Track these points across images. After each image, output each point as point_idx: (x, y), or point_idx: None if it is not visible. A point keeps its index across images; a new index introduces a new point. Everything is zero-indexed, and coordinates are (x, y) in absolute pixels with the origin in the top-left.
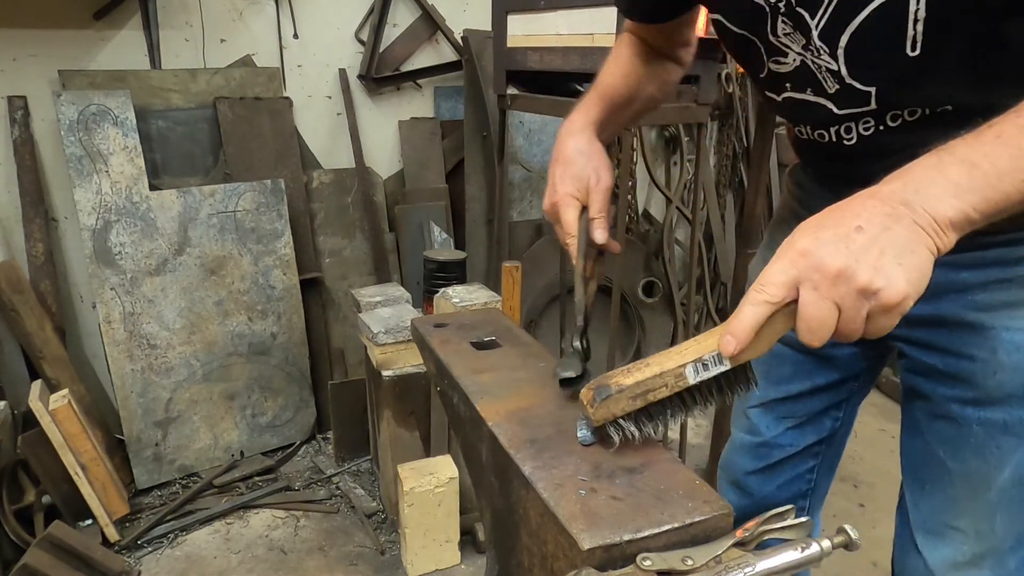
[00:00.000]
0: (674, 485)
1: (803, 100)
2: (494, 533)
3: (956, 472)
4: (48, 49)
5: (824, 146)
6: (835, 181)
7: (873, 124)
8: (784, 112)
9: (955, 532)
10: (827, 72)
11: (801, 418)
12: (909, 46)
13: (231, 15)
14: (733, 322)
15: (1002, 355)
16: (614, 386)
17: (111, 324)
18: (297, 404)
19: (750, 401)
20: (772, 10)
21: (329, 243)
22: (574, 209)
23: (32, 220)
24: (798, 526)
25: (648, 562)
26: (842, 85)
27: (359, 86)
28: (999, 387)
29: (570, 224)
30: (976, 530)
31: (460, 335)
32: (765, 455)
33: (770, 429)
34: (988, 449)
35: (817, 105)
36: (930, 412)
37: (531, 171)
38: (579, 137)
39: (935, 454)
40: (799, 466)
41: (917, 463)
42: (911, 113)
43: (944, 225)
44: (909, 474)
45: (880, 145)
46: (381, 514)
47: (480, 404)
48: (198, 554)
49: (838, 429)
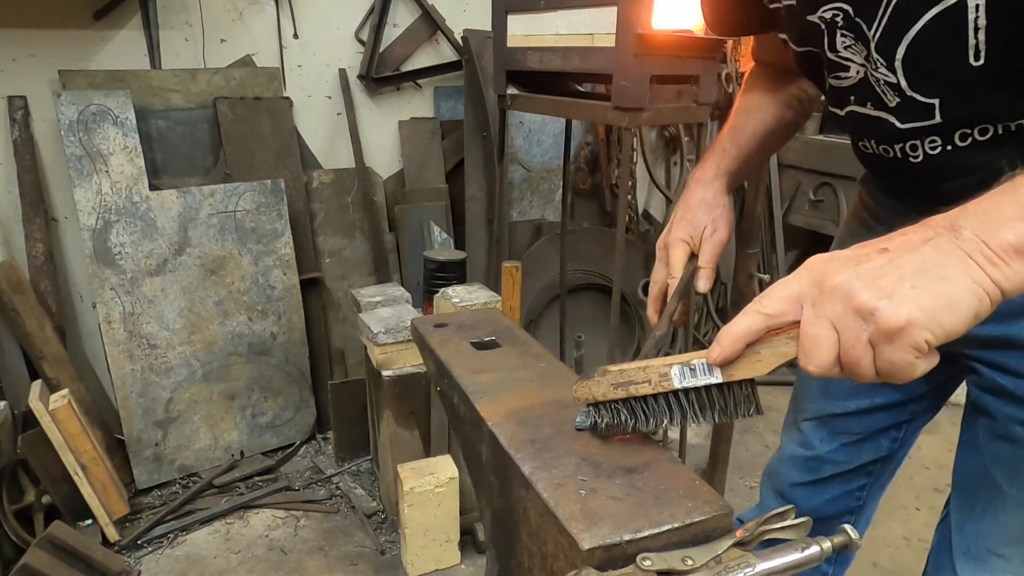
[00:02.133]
0: (674, 485)
1: (866, 115)
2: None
3: (1011, 498)
4: (48, 49)
5: (889, 161)
6: (906, 195)
7: (940, 143)
8: (848, 126)
9: (1001, 560)
10: (886, 85)
11: (857, 435)
12: (972, 55)
13: (231, 15)
14: (723, 330)
15: None
16: (600, 371)
17: (111, 324)
18: (297, 404)
19: (804, 413)
20: (829, 26)
21: (329, 243)
22: (683, 252)
23: (32, 220)
24: (798, 526)
25: (648, 562)
26: (903, 98)
27: (359, 86)
28: None
29: (676, 266)
30: (1021, 559)
31: (460, 335)
32: (815, 469)
33: (824, 444)
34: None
35: (880, 120)
36: (993, 431)
37: (531, 171)
38: (708, 188)
39: (991, 476)
40: (850, 483)
41: (971, 483)
42: (982, 132)
43: (1003, 251)
44: (960, 493)
45: (948, 164)
46: (381, 514)
47: (480, 404)
48: (198, 554)
49: (896, 450)
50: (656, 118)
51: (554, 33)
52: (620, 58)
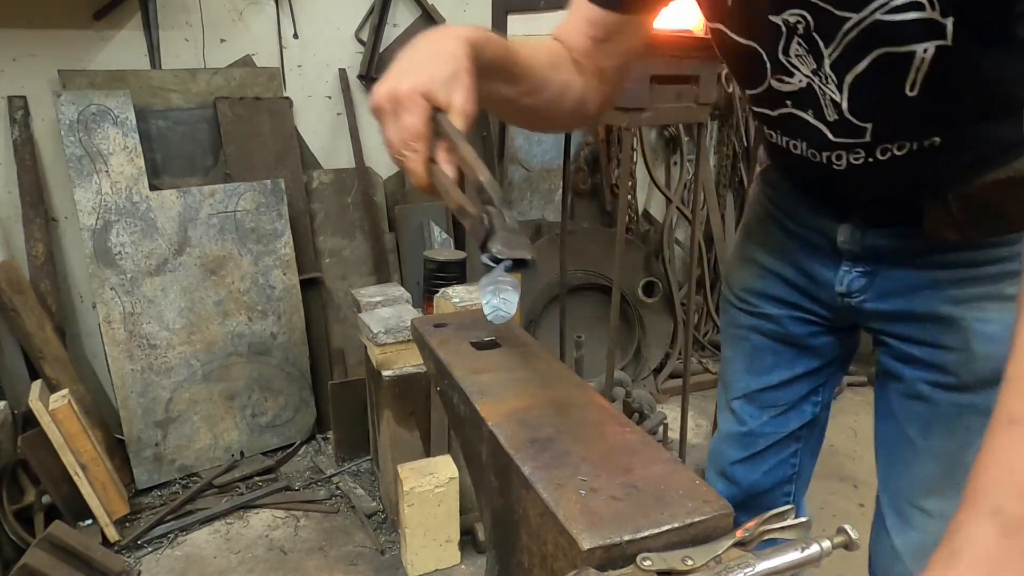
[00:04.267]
0: (674, 485)
1: (802, 119)
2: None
3: (924, 450)
4: (48, 49)
5: (813, 165)
6: (816, 191)
7: (863, 156)
8: (777, 126)
9: (923, 515)
10: (830, 100)
11: (784, 406)
12: (908, 87)
13: (231, 15)
14: None
15: (975, 346)
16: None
17: (111, 324)
18: (297, 404)
19: (733, 392)
20: (789, 30)
21: (329, 243)
22: (423, 111)
23: (32, 220)
24: (798, 526)
25: (648, 562)
26: (840, 116)
27: (359, 86)
28: (972, 375)
29: (419, 128)
30: (942, 512)
31: (460, 335)
32: (751, 444)
33: (754, 419)
34: (957, 428)
35: (815, 128)
36: (903, 392)
37: (531, 171)
38: (447, 41)
39: (906, 434)
40: (782, 451)
41: (890, 445)
42: (900, 148)
43: None
44: (882, 458)
45: (866, 174)
46: (381, 514)
47: (480, 404)
48: (198, 554)
49: (818, 413)
50: (656, 118)
51: None
52: None
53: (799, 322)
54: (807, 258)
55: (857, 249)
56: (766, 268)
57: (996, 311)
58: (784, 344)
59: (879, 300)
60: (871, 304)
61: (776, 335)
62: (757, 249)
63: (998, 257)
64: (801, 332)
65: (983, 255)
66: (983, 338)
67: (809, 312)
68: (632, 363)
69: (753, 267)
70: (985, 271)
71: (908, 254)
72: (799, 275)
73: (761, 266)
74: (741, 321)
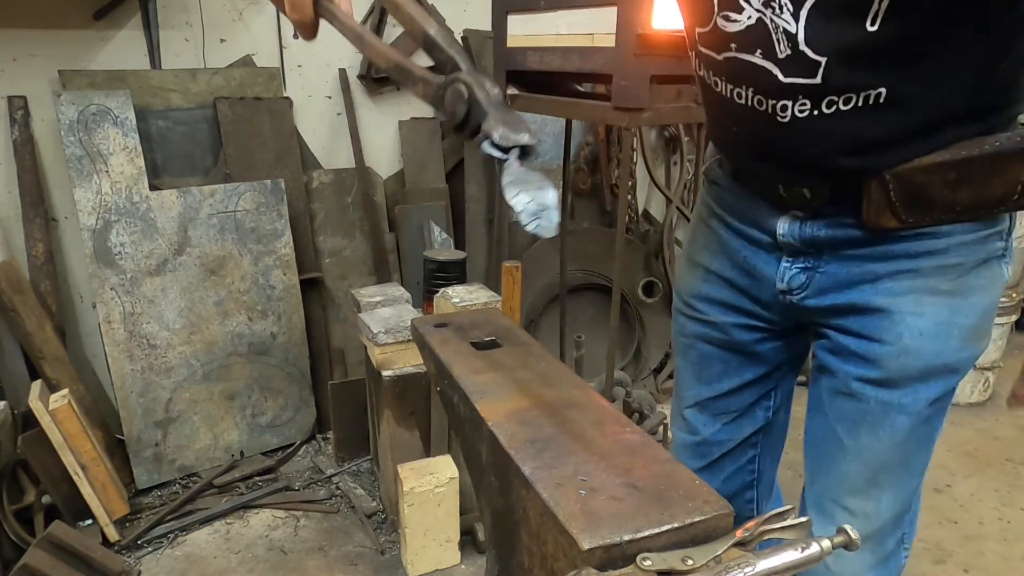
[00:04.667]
0: (674, 485)
1: (748, 62)
2: (494, 533)
3: (850, 449)
4: (48, 49)
5: (757, 119)
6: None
7: (809, 106)
8: (722, 72)
9: (844, 512)
10: (783, 33)
11: (735, 413)
12: (870, 20)
13: (231, 15)
14: None
15: (907, 339)
16: None
17: (111, 324)
18: (297, 404)
19: (684, 402)
20: None
21: (329, 243)
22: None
23: (32, 220)
24: (798, 526)
25: (648, 562)
26: (794, 51)
27: (359, 86)
28: (901, 370)
29: None
30: (864, 511)
31: (460, 335)
32: (705, 453)
33: (707, 427)
34: (882, 427)
35: (763, 69)
36: (833, 389)
37: None
38: None
39: (834, 430)
40: (739, 458)
41: (817, 440)
42: (846, 101)
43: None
44: (809, 453)
45: (811, 129)
46: (381, 514)
47: (480, 404)
48: (198, 554)
49: (771, 417)
50: (656, 118)
51: (554, 33)
52: (620, 58)
53: (744, 329)
54: (748, 256)
55: (797, 242)
56: (710, 271)
57: (930, 306)
58: (731, 352)
59: (819, 296)
60: (812, 300)
61: (722, 343)
62: (701, 251)
63: (935, 249)
64: (747, 339)
65: (920, 245)
66: (916, 333)
67: (753, 316)
68: (632, 363)
69: (698, 271)
70: (922, 264)
71: (847, 245)
72: (741, 275)
73: (705, 269)
74: (688, 330)
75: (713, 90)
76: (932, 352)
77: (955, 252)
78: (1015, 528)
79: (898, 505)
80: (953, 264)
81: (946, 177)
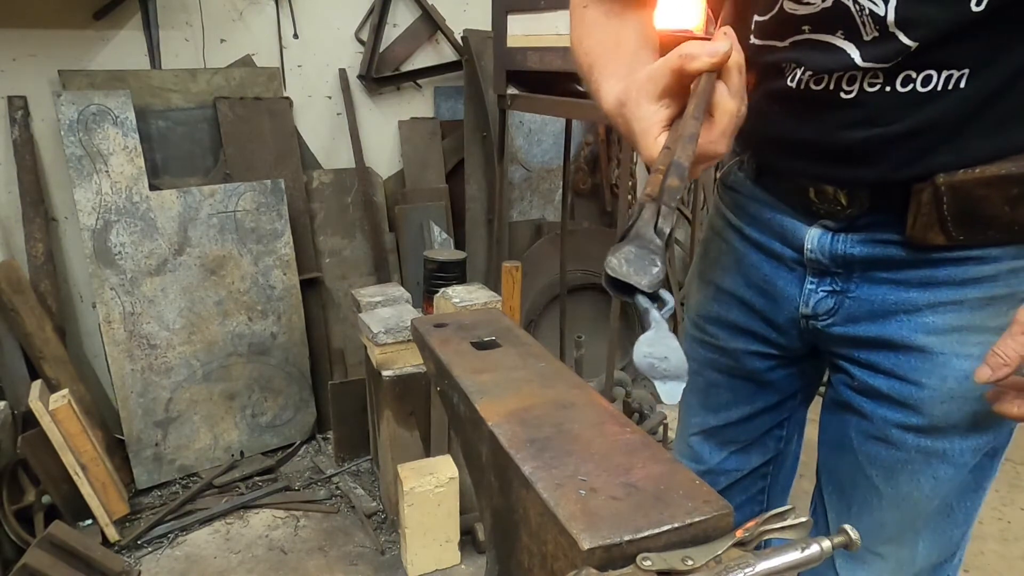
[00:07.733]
0: (674, 485)
1: (824, 42)
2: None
3: (887, 496)
4: (48, 49)
5: (810, 98)
6: (784, 162)
7: (881, 82)
8: (780, 59)
9: (876, 558)
10: (869, 15)
11: (744, 442)
12: (975, 1)
13: (231, 15)
14: None
15: (951, 383)
16: None
17: (111, 324)
18: (297, 404)
19: (690, 429)
20: None
21: (329, 243)
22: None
23: (32, 220)
24: (798, 526)
25: (648, 562)
26: (882, 33)
27: (359, 86)
28: (945, 417)
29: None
30: (898, 557)
31: (460, 335)
32: (712, 482)
33: (713, 456)
34: (924, 476)
35: (839, 50)
36: (866, 432)
37: (531, 171)
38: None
39: (866, 475)
40: (749, 488)
41: (845, 483)
42: (925, 81)
43: None
44: (835, 494)
45: (872, 107)
46: (381, 514)
47: (480, 404)
48: (198, 554)
49: (783, 448)
50: None
51: (554, 33)
52: None
53: (756, 356)
54: (768, 273)
55: (826, 260)
56: (721, 289)
57: (977, 346)
58: (741, 380)
59: (848, 324)
60: (839, 328)
61: (731, 370)
62: (712, 267)
63: (983, 276)
64: (759, 367)
65: (966, 271)
66: (962, 376)
67: (767, 342)
68: (632, 363)
69: (708, 288)
70: (968, 294)
71: (883, 266)
72: (757, 295)
73: (717, 287)
74: (696, 354)
75: (764, 71)
76: (981, 397)
77: (1004, 281)
78: (1015, 528)
79: (936, 554)
80: (1003, 295)
81: (1008, 192)
